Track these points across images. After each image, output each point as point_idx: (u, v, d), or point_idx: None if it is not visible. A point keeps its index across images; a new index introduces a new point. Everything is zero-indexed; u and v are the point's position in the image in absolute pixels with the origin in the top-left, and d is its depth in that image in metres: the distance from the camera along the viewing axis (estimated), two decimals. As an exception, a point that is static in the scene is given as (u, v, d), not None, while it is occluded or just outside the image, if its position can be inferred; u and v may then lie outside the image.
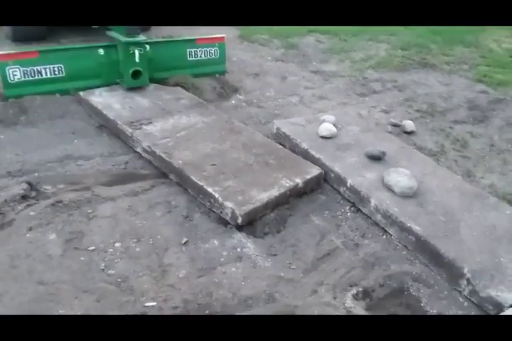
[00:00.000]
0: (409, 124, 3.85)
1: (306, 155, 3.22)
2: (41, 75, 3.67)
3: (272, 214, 2.77)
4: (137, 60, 3.75)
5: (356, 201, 2.91)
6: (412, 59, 5.55)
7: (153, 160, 3.15)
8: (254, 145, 3.25)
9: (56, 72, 3.72)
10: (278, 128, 3.53)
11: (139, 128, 3.31)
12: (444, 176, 3.08)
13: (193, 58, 4.34)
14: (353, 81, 4.82)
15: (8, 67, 3.51)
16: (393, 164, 3.09)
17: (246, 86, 4.48)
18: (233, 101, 4.21)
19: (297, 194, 2.94)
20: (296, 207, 2.89)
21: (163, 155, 3.03)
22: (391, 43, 6.04)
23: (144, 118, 3.46)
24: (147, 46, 3.92)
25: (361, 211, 2.89)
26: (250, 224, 2.69)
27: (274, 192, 2.78)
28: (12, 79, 3.55)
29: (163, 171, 3.09)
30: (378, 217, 2.76)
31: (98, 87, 3.92)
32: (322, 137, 3.37)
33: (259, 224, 2.71)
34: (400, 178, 2.82)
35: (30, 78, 3.63)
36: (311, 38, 5.95)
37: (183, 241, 2.56)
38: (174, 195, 2.92)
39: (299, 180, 2.92)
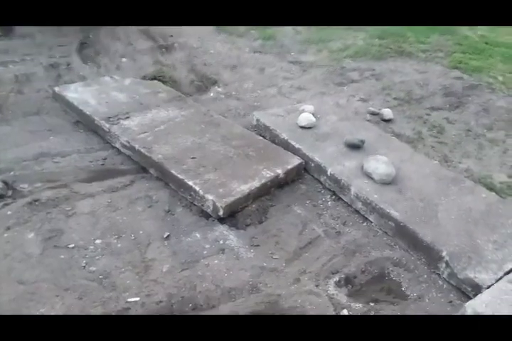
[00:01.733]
0: (387, 112, 3.88)
1: (286, 146, 3.22)
2: None
3: (253, 206, 2.78)
4: None
5: (337, 190, 2.93)
6: (389, 47, 5.56)
7: (132, 155, 3.11)
8: (233, 138, 3.24)
9: None
10: (258, 120, 3.52)
11: (117, 124, 3.26)
12: (422, 162, 3.13)
13: None
14: (331, 71, 4.82)
15: None
16: (372, 152, 3.12)
17: (224, 78, 4.44)
18: (212, 94, 4.18)
19: (278, 184, 2.95)
20: (278, 197, 2.90)
21: (143, 150, 3.00)
22: (368, 32, 6.04)
23: (122, 113, 3.41)
24: None
25: (342, 199, 2.91)
26: (232, 216, 2.69)
27: (255, 184, 2.79)
28: None
29: (142, 166, 3.07)
30: (359, 205, 2.79)
31: None
32: (302, 127, 3.38)
33: (240, 215, 2.72)
34: (379, 165, 2.85)
35: None
36: (289, 28, 5.91)
37: (165, 236, 2.55)
38: (155, 190, 2.90)
39: (279, 171, 2.92)
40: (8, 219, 2.53)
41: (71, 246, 2.43)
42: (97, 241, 2.48)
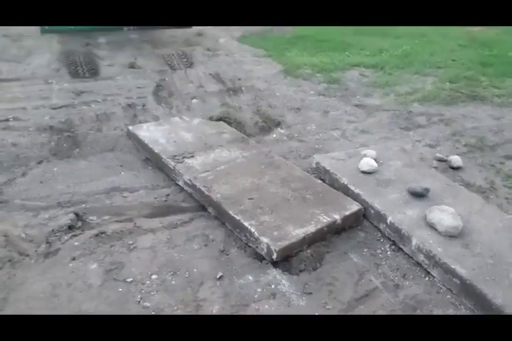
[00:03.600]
0: (456, 159, 3.72)
1: (345, 191, 3.17)
2: None
3: (308, 251, 2.72)
4: None
5: (397, 239, 2.80)
6: (461, 92, 5.41)
7: (193, 193, 3.22)
8: (292, 180, 3.26)
9: None
10: (318, 163, 3.52)
11: (182, 162, 3.42)
12: (493, 215, 2.92)
13: None
14: (397, 115, 4.76)
15: None
16: (437, 201, 2.97)
17: (288, 120, 4.54)
18: (274, 135, 4.27)
19: (335, 230, 2.88)
20: (334, 243, 2.83)
21: (203, 189, 3.10)
22: (438, 76, 5.95)
23: (187, 152, 3.57)
24: None
25: (402, 250, 2.78)
26: (286, 260, 2.66)
27: (311, 228, 2.75)
28: None
29: (202, 204, 3.15)
30: (420, 257, 2.64)
31: None
32: (363, 172, 3.32)
33: (295, 260, 2.67)
34: (444, 216, 2.70)
35: None
36: (355, 72, 5.98)
37: (218, 276, 2.56)
38: (212, 229, 2.96)
39: (337, 216, 2.87)
40: (75, 249, 2.69)
41: (129, 280, 2.51)
42: (154, 277, 2.55)
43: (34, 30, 6.23)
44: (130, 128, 3.95)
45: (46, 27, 5.83)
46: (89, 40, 6.44)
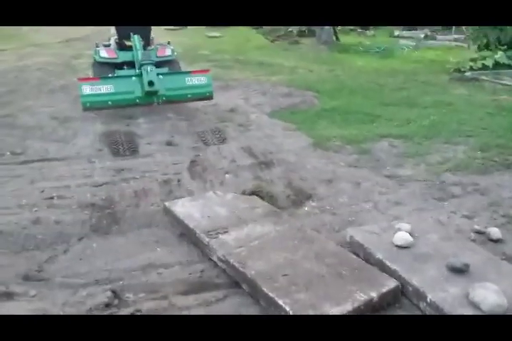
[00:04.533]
0: (494, 231, 3.61)
1: (381, 266, 3.11)
2: (100, 90, 6.20)
3: (345, 332, 2.62)
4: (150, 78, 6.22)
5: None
6: (494, 160, 5.38)
7: (227, 269, 3.24)
8: (326, 255, 3.23)
9: (109, 89, 6.26)
10: (351, 237, 3.50)
11: (215, 237, 3.48)
12: (542, 292, 2.76)
13: (190, 83, 6.73)
14: (430, 185, 4.74)
15: (82, 85, 6.15)
16: (478, 277, 2.86)
17: (319, 193, 4.59)
18: (306, 208, 4.31)
19: (373, 309, 2.78)
20: (373, 324, 2.71)
21: (237, 265, 3.12)
22: (469, 145, 5.96)
23: (221, 227, 3.65)
24: (161, 76, 6.51)
25: (446, 331, 2.62)
26: None
27: (348, 307, 2.68)
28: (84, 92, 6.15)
29: (236, 280, 3.15)
30: (467, 340, 2.48)
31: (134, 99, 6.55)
32: (398, 246, 3.27)
33: (332, 342, 2.56)
34: (488, 295, 2.59)
35: (94, 92, 6.18)
36: (385, 143, 6.09)
37: (253, 359, 2.48)
38: (246, 307, 2.92)
39: (374, 294, 2.79)
40: (111, 329, 2.69)
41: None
42: (187, 359, 2.49)
43: (80, 112, 6.77)
44: (166, 204, 4.11)
45: (88, 104, 6.29)
46: (130, 121, 6.95)
